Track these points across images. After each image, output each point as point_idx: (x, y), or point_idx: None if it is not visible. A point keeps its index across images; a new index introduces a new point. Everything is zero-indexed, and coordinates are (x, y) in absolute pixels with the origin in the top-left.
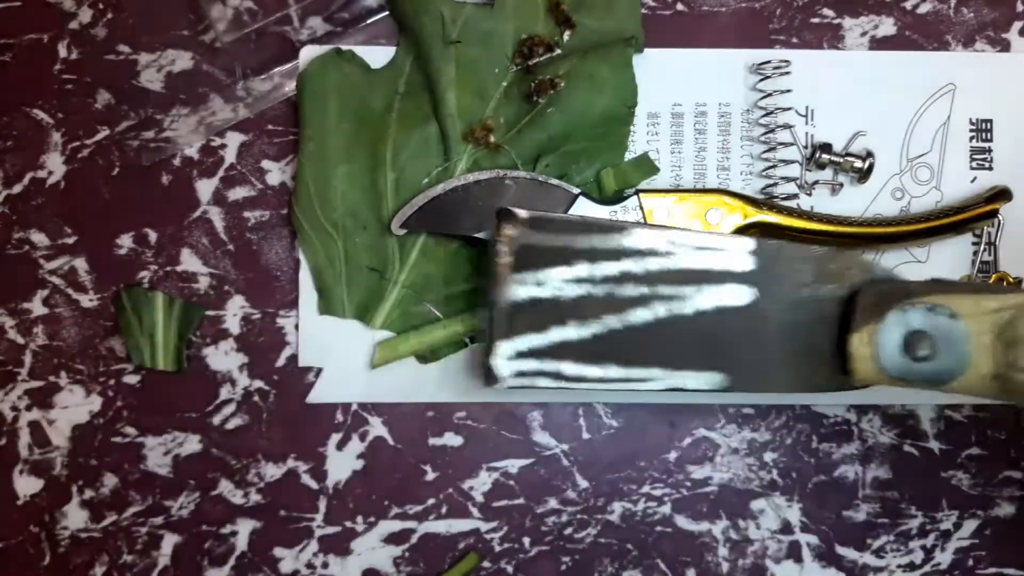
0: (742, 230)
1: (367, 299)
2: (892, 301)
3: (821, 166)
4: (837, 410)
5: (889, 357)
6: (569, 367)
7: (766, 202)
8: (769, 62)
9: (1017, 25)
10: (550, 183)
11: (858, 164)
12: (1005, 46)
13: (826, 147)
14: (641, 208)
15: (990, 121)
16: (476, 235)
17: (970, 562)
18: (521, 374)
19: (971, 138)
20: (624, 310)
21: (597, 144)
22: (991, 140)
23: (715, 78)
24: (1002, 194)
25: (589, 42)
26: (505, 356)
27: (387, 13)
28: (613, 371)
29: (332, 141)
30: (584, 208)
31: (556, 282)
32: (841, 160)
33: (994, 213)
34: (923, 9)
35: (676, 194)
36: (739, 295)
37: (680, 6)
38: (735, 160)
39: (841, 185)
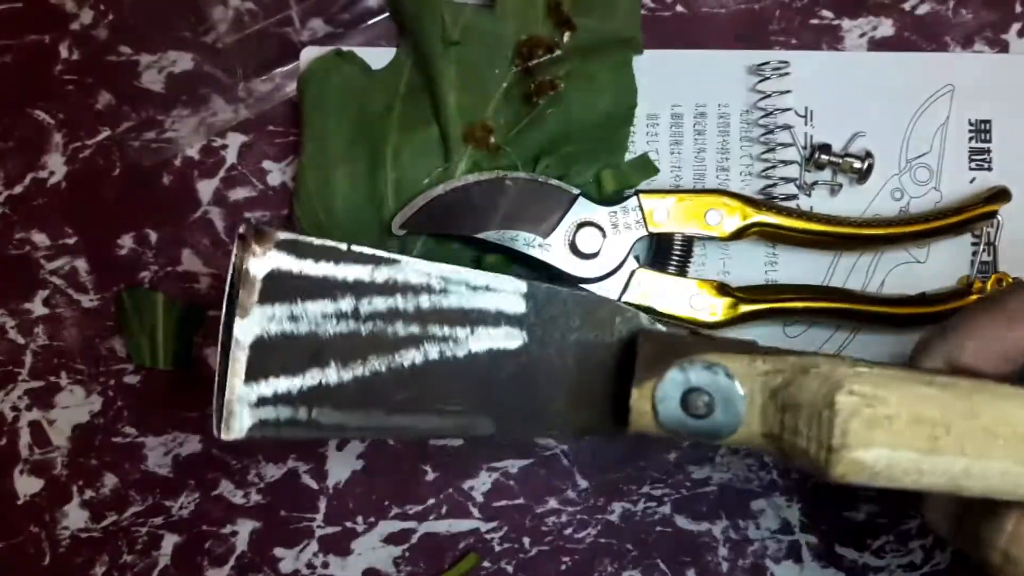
0: (742, 231)
1: None
2: (672, 357)
3: (820, 167)
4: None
5: (667, 412)
6: (325, 415)
7: (765, 203)
8: (768, 63)
9: (1016, 26)
10: (550, 183)
11: (857, 165)
12: (1004, 47)
13: (825, 148)
14: (641, 208)
15: (989, 122)
16: (476, 235)
17: (970, 562)
18: (265, 424)
19: (970, 139)
20: (392, 351)
21: (597, 145)
22: (990, 141)
23: (714, 79)
24: (1001, 194)
25: (589, 43)
26: (247, 402)
27: (388, 14)
28: (376, 418)
29: (333, 142)
30: (584, 208)
31: (315, 316)
32: (840, 161)
33: (993, 214)
34: (922, 10)
35: (676, 195)
36: (511, 338)
37: (679, 7)
38: (734, 161)
39: (840, 186)
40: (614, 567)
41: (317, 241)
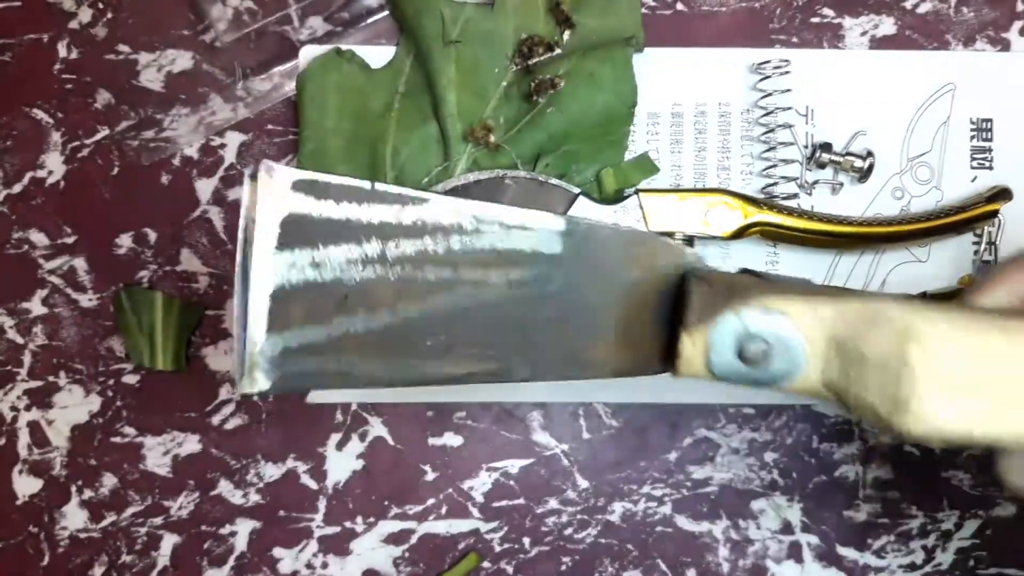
0: (742, 230)
1: None
2: (725, 300)
3: (821, 165)
4: (837, 409)
5: (721, 359)
6: (355, 364)
7: (766, 202)
8: (769, 62)
9: (1017, 25)
10: (550, 183)
11: (858, 164)
12: (1005, 46)
13: (826, 146)
14: (641, 207)
15: (990, 120)
16: None
17: (971, 562)
18: (290, 376)
19: (971, 137)
20: (423, 296)
21: (597, 144)
22: (991, 140)
23: (715, 78)
24: (1002, 193)
25: (589, 42)
26: (267, 354)
27: (387, 12)
28: (409, 366)
29: (332, 141)
30: (584, 208)
31: (339, 263)
32: (841, 159)
33: (994, 213)
34: (923, 9)
35: (676, 193)
36: (549, 279)
37: (680, 6)
38: (735, 160)
39: (841, 184)
40: (614, 567)
41: (337, 179)
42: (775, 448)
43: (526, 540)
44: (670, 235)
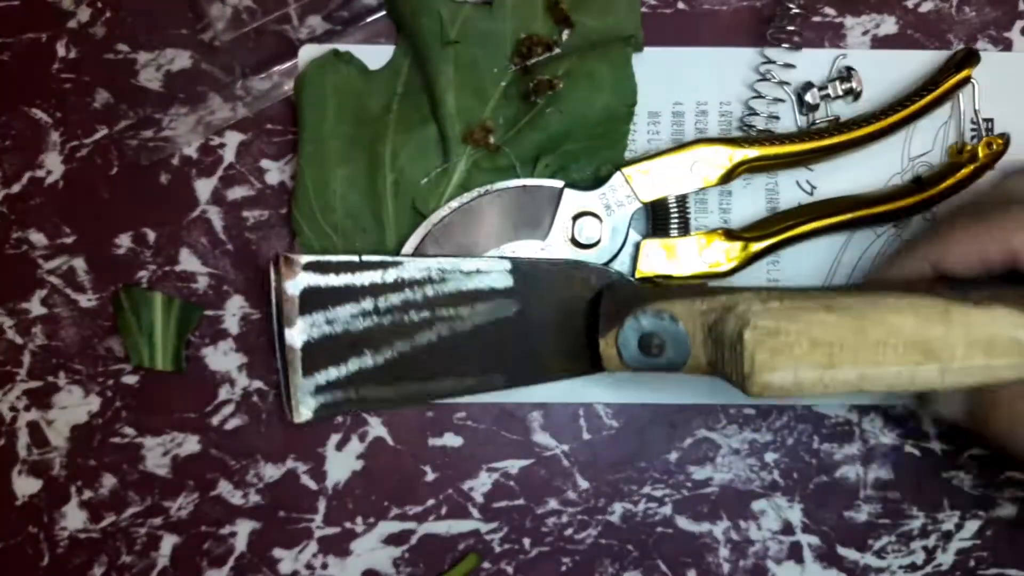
0: (730, 173)
1: None
2: (628, 308)
3: (813, 108)
4: (838, 410)
5: (629, 354)
6: (370, 391)
7: (744, 139)
8: (773, 62)
9: (1019, 24)
10: (529, 186)
11: (844, 86)
12: (1007, 45)
13: (808, 86)
14: (627, 182)
15: (991, 120)
16: (484, 256)
17: (972, 563)
18: (325, 406)
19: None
20: (411, 334)
21: (597, 143)
22: (992, 130)
23: (716, 77)
24: (969, 57)
25: (588, 41)
26: (307, 392)
27: (386, 12)
28: (410, 388)
29: (331, 143)
30: (573, 199)
31: (345, 318)
32: (828, 88)
33: (967, 80)
34: (925, 8)
35: (656, 158)
36: (506, 307)
37: (681, 4)
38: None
39: (838, 117)
40: (614, 568)
41: (335, 258)
42: (775, 448)
43: (526, 541)
44: (663, 200)
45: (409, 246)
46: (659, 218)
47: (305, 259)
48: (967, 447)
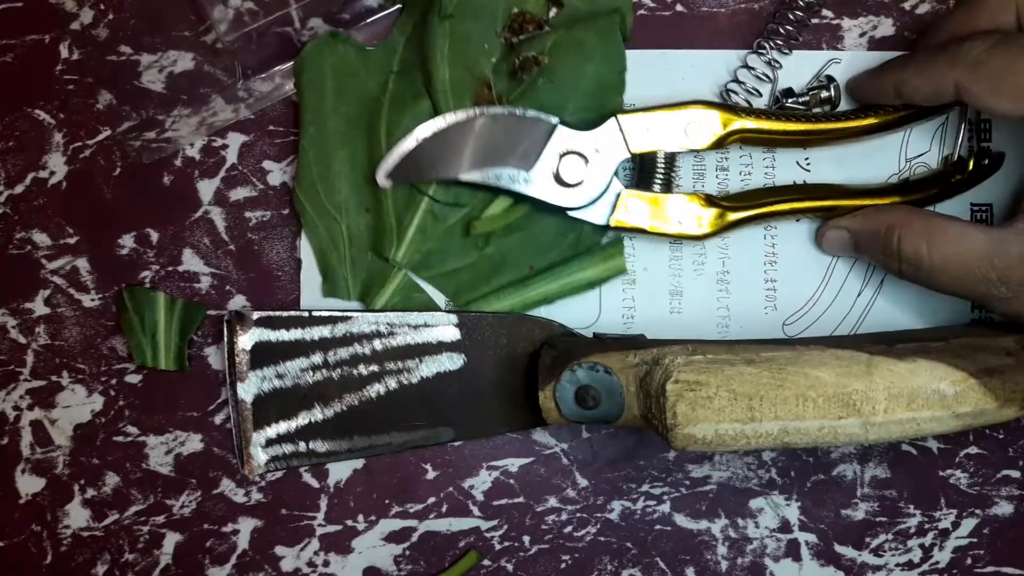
0: (723, 139)
1: (370, 281)
2: (564, 362)
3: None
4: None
5: (567, 407)
6: (319, 445)
7: (744, 109)
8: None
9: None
10: (527, 115)
11: (824, 94)
12: None
13: (788, 92)
14: (621, 130)
15: (988, 121)
16: (461, 178)
17: (968, 561)
18: (276, 459)
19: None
20: (360, 388)
21: (591, 113)
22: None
23: (714, 78)
24: None
25: (576, 16)
26: (259, 445)
27: (387, 12)
28: (359, 441)
29: (332, 124)
30: (564, 137)
31: (295, 372)
32: (808, 97)
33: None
34: (922, 9)
35: (654, 111)
36: (452, 361)
37: (679, 7)
38: (734, 160)
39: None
40: (613, 565)
41: (285, 313)
42: None
43: (526, 538)
44: (652, 154)
45: (388, 164)
46: (645, 172)
47: (257, 314)
48: (964, 445)
